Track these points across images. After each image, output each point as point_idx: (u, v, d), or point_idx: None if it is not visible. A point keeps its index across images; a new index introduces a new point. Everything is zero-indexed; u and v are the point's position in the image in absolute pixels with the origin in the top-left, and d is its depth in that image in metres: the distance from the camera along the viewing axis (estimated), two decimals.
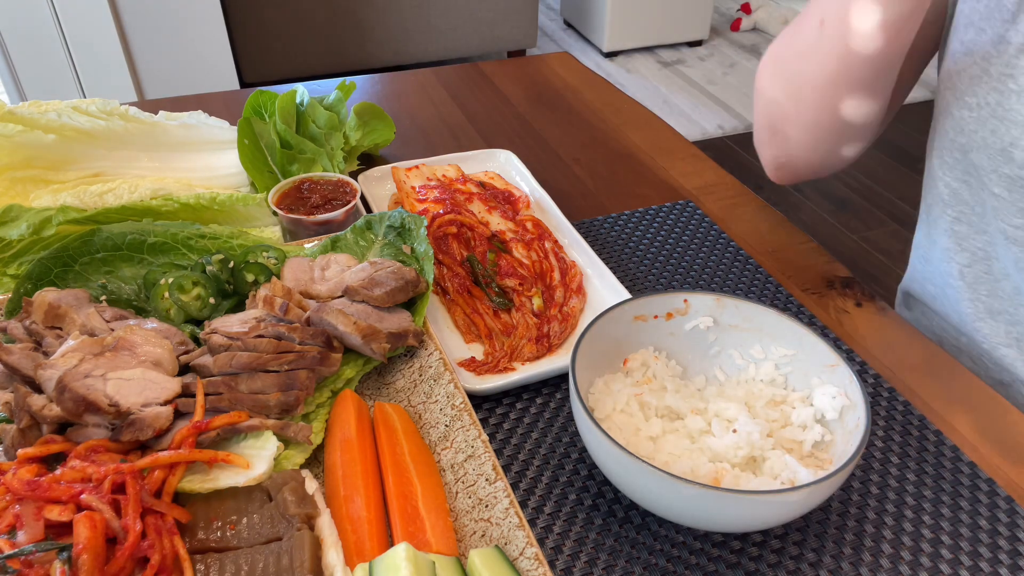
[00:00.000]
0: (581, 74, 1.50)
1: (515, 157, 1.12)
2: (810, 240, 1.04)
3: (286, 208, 0.92)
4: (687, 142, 1.28)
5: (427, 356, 0.74)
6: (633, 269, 0.97)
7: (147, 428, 0.61)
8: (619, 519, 0.67)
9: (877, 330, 0.89)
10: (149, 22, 2.67)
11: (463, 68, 1.52)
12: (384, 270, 0.77)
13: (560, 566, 0.63)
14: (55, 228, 0.86)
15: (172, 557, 0.54)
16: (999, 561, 0.64)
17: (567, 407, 0.77)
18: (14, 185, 0.93)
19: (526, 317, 0.85)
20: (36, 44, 2.53)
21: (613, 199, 1.12)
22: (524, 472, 0.71)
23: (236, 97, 1.35)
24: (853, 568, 0.63)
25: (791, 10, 4.62)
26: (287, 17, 3.30)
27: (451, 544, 0.59)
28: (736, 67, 4.18)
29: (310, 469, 0.66)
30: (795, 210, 3.07)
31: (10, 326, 0.69)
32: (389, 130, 1.18)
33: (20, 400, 0.61)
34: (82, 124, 0.98)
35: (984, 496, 0.70)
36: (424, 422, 0.70)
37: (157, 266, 0.80)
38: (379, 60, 3.58)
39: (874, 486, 0.70)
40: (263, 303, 0.72)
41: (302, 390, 0.67)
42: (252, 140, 1.00)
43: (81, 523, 0.52)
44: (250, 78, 3.34)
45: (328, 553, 0.55)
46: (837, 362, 0.68)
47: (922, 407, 0.79)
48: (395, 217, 0.85)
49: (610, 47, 4.15)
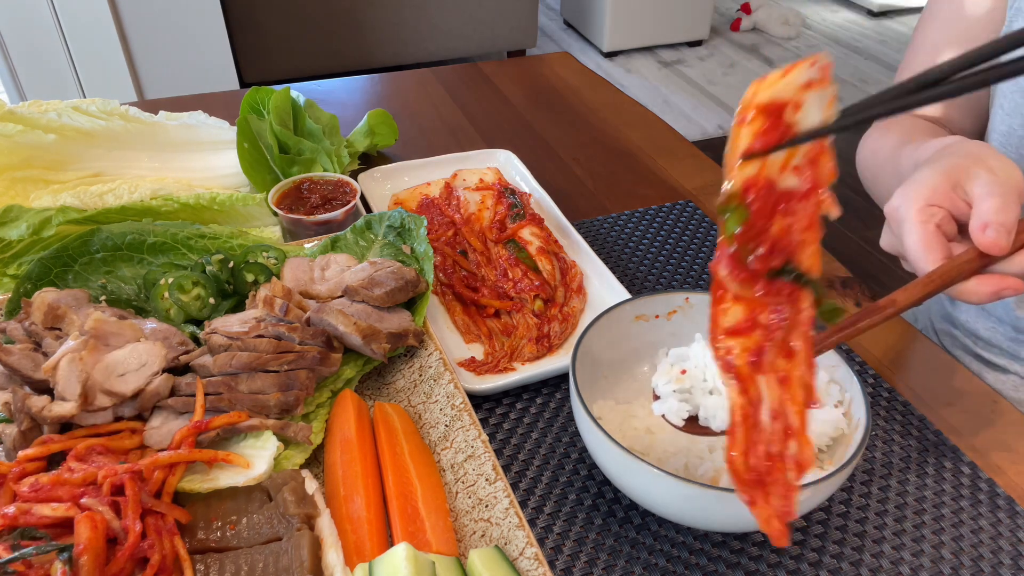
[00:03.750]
0: (581, 74, 1.50)
1: (515, 157, 1.12)
2: None
3: (286, 208, 0.92)
4: (687, 142, 1.28)
5: (427, 356, 0.74)
6: (633, 269, 0.97)
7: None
8: (619, 519, 0.67)
9: (877, 330, 0.88)
10: (149, 22, 2.67)
11: (463, 68, 1.52)
12: (384, 270, 0.77)
13: (560, 566, 0.63)
14: (55, 228, 0.86)
15: (172, 557, 0.54)
16: (1000, 562, 0.64)
17: (567, 407, 0.77)
18: (14, 185, 0.92)
19: (526, 317, 0.85)
20: (36, 44, 2.53)
21: (613, 199, 1.12)
22: (524, 472, 0.71)
23: (236, 97, 1.35)
24: (853, 568, 0.63)
25: (791, 10, 4.62)
26: (287, 17, 3.30)
27: (451, 544, 0.59)
28: (736, 67, 4.18)
29: (310, 469, 0.66)
30: None
31: (9, 327, 0.69)
32: (392, 135, 1.19)
33: (20, 402, 0.61)
34: (82, 124, 0.98)
35: (984, 496, 0.70)
36: (424, 422, 0.70)
37: (157, 266, 0.79)
38: (379, 60, 3.58)
39: (874, 486, 0.70)
40: (263, 303, 0.72)
41: (302, 390, 0.67)
42: (251, 142, 1.00)
43: (82, 524, 0.52)
44: (250, 78, 3.34)
45: (328, 553, 0.55)
46: (837, 362, 0.68)
47: (922, 407, 0.79)
48: (395, 217, 0.84)
49: (610, 47, 4.15)
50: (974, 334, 0.99)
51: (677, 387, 0.66)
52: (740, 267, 0.45)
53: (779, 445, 0.47)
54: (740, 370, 0.47)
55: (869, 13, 4.95)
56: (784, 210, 0.44)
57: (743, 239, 0.44)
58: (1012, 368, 0.95)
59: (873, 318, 0.57)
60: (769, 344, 0.46)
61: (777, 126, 0.42)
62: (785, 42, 4.50)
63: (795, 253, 0.45)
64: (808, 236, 0.45)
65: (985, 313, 0.97)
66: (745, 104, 0.43)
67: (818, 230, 0.45)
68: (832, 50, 4.41)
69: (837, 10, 5.02)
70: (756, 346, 0.46)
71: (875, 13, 4.91)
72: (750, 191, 0.43)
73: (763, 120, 0.41)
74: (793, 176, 0.43)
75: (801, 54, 4.33)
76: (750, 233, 0.44)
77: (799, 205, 0.44)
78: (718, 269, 0.46)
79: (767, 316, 0.46)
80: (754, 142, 0.42)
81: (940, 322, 1.06)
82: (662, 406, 0.64)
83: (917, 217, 0.60)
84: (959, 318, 1.01)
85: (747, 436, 0.48)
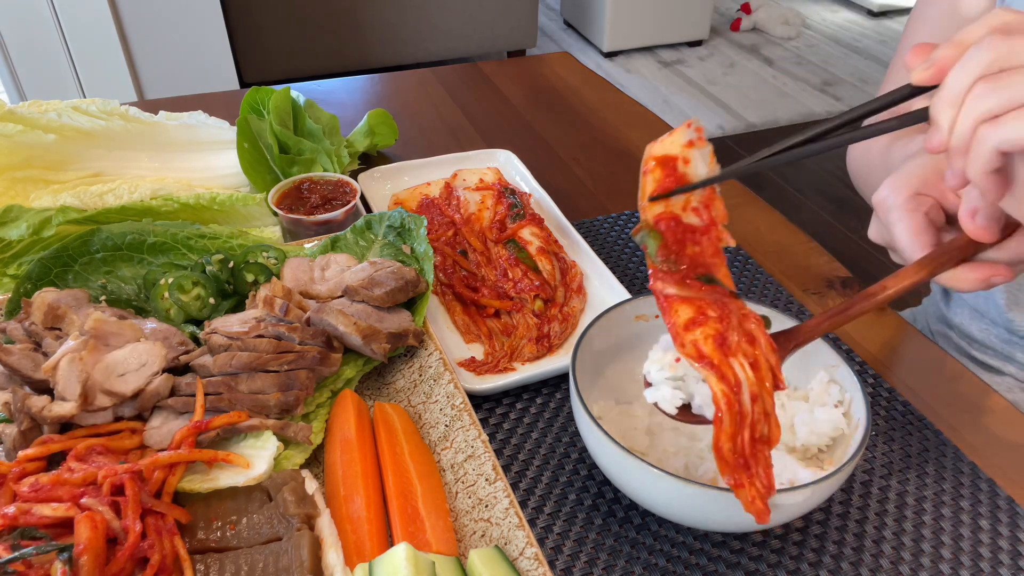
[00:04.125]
0: (581, 74, 1.50)
1: (515, 157, 1.12)
2: (810, 240, 1.04)
3: (286, 208, 0.92)
4: None
5: (427, 356, 0.74)
6: (633, 269, 0.97)
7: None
8: (619, 519, 0.67)
9: (877, 330, 0.89)
10: (149, 22, 2.67)
11: (463, 68, 1.52)
12: (384, 270, 0.77)
13: (560, 566, 0.63)
14: (55, 228, 0.86)
15: (172, 557, 0.54)
16: (1000, 562, 0.64)
17: (567, 407, 0.77)
18: (14, 185, 0.92)
19: (526, 317, 0.85)
20: (36, 44, 2.53)
21: (613, 199, 1.12)
22: (524, 472, 0.71)
23: (236, 97, 1.35)
24: (853, 568, 0.63)
25: (791, 10, 4.62)
26: (287, 17, 3.30)
27: (451, 544, 0.59)
28: (736, 67, 4.18)
29: (310, 469, 0.66)
30: (795, 210, 3.07)
31: (9, 327, 0.69)
32: (392, 135, 1.19)
33: (20, 402, 0.61)
34: (82, 124, 0.98)
35: (985, 496, 0.70)
36: (424, 422, 0.70)
37: (157, 266, 0.79)
38: (379, 60, 3.58)
39: (874, 486, 0.70)
40: (263, 303, 0.72)
41: (302, 390, 0.67)
42: (251, 142, 1.00)
43: (82, 524, 0.52)
44: (250, 78, 3.34)
45: (328, 553, 0.55)
46: (837, 362, 0.68)
47: (922, 407, 0.79)
48: (395, 217, 0.84)
49: (610, 47, 4.15)
50: (968, 336, 0.99)
51: (671, 375, 0.64)
52: (671, 275, 0.54)
53: (761, 427, 0.53)
54: (711, 356, 0.52)
55: (869, 13, 4.95)
56: (692, 240, 0.54)
57: (664, 255, 0.54)
58: (1006, 370, 0.96)
59: (863, 304, 0.59)
60: (728, 329, 0.53)
61: (672, 175, 0.53)
62: (785, 42, 4.50)
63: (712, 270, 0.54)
64: (716, 261, 0.55)
65: (979, 315, 0.98)
66: (646, 159, 0.53)
67: (723, 257, 0.55)
68: (832, 50, 4.41)
69: (837, 10, 5.02)
70: (717, 332, 0.52)
71: (875, 13, 4.91)
72: (660, 223, 0.53)
73: (661, 171, 0.53)
74: (693, 215, 0.54)
75: (801, 54, 4.33)
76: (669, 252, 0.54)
77: (702, 238, 0.54)
78: (655, 284, 0.54)
79: (713, 309, 0.53)
80: (656, 188, 0.53)
81: (936, 323, 1.07)
82: (655, 393, 0.63)
83: (905, 206, 0.60)
84: (953, 320, 1.01)
85: (733, 422, 0.52)
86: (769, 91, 3.92)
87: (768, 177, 3.26)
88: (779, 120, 3.65)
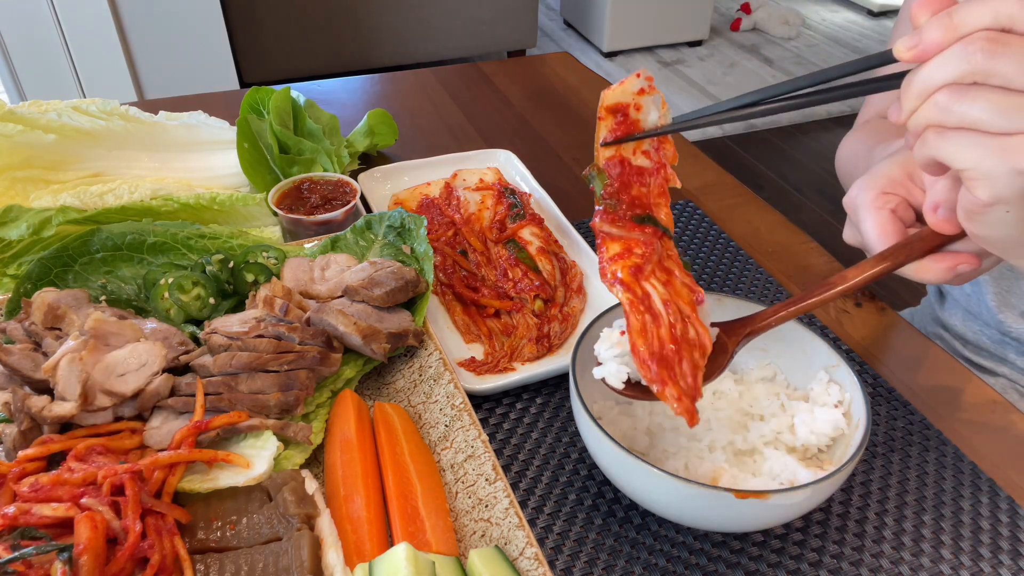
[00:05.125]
0: (581, 74, 1.50)
1: (515, 157, 1.12)
2: (810, 240, 1.04)
3: (286, 208, 0.92)
4: (687, 142, 1.28)
5: (427, 356, 0.74)
6: None
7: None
8: (619, 519, 0.67)
9: (877, 330, 0.89)
10: (149, 22, 2.67)
11: (463, 68, 1.52)
12: (384, 270, 0.77)
13: (560, 566, 0.63)
14: (55, 228, 0.86)
15: (172, 557, 0.54)
16: (1000, 562, 0.64)
17: (567, 407, 0.77)
18: (14, 185, 0.92)
19: (526, 317, 0.85)
20: (36, 44, 2.53)
21: None
22: (524, 472, 0.71)
23: (236, 97, 1.35)
24: (853, 568, 0.63)
25: (791, 10, 4.62)
26: (287, 17, 3.30)
27: (451, 544, 0.59)
28: (736, 67, 4.18)
29: (310, 469, 0.66)
30: (795, 210, 3.07)
31: (9, 327, 0.69)
32: (392, 135, 1.19)
33: (20, 402, 0.61)
34: (82, 124, 0.98)
35: (985, 497, 0.70)
36: (424, 422, 0.70)
37: (157, 266, 0.79)
38: (379, 60, 3.58)
39: (874, 486, 0.70)
40: (263, 303, 0.72)
41: (302, 390, 0.67)
42: (251, 142, 1.00)
43: (82, 524, 0.52)
44: (250, 78, 3.34)
45: (328, 553, 0.55)
46: (837, 362, 0.68)
47: (922, 407, 0.79)
48: (395, 217, 0.84)
49: (610, 47, 4.15)
50: (962, 337, 0.99)
51: (618, 352, 0.64)
52: (610, 215, 0.57)
53: (679, 325, 0.56)
54: (624, 280, 0.56)
55: (869, 13, 4.95)
56: (639, 181, 0.58)
57: (608, 196, 0.57)
58: (999, 370, 0.96)
59: (823, 294, 0.61)
60: (646, 263, 0.57)
61: (625, 123, 0.56)
62: (785, 42, 4.50)
63: (653, 210, 0.58)
64: (661, 200, 0.59)
65: (971, 316, 0.98)
66: (599, 107, 0.56)
67: (667, 198, 0.59)
68: (832, 50, 4.41)
69: (837, 10, 5.02)
70: (634, 265, 0.56)
71: (875, 13, 4.91)
72: (609, 165, 0.57)
73: (613, 118, 0.56)
74: (644, 157, 0.58)
75: (801, 54, 4.33)
76: (613, 194, 0.57)
77: (651, 179, 0.58)
78: (596, 223, 0.57)
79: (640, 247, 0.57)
80: (608, 134, 0.56)
81: (931, 325, 1.07)
82: (602, 370, 0.63)
83: (872, 204, 0.61)
84: (948, 321, 1.02)
85: (642, 320, 0.54)
86: None
87: (768, 177, 3.27)
88: (779, 120, 3.65)
